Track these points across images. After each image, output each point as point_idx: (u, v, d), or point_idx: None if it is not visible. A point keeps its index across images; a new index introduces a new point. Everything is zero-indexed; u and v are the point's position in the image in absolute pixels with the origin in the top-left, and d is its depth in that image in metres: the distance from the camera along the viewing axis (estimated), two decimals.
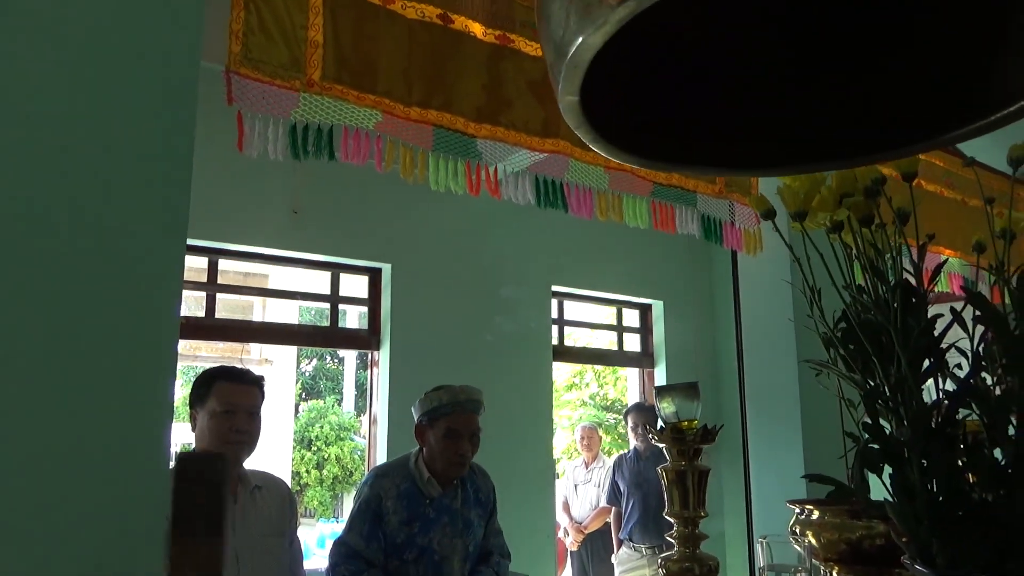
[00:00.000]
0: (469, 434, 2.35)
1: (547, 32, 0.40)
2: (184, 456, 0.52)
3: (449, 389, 2.38)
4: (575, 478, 6.08)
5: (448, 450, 2.31)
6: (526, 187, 2.34)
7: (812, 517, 1.30)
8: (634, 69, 0.47)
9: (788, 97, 0.54)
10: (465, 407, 2.36)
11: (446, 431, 2.32)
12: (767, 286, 2.97)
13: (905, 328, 0.77)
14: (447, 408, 2.34)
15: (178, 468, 0.55)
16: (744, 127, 0.56)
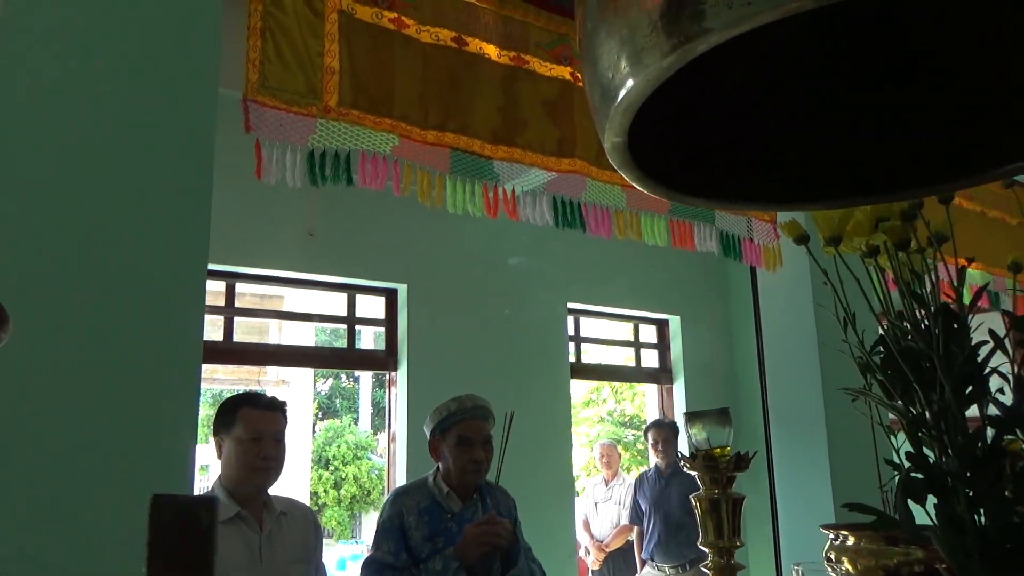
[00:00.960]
0: (481, 440, 2.37)
1: (594, 75, 0.39)
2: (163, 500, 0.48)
3: (456, 399, 2.42)
4: (595, 496, 6.02)
5: (462, 457, 2.33)
6: (543, 207, 2.34)
7: (847, 543, 1.27)
8: (676, 106, 0.46)
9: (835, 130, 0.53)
10: (474, 414, 2.39)
11: (458, 439, 2.35)
12: (789, 308, 2.94)
13: (948, 355, 0.75)
14: (456, 416, 2.37)
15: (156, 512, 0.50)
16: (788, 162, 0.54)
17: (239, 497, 2.17)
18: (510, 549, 2.29)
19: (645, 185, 0.46)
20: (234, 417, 2.20)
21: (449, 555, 2.22)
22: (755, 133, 0.52)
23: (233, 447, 2.18)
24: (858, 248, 0.83)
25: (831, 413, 2.74)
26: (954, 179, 0.51)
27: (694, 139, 0.50)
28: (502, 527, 2.25)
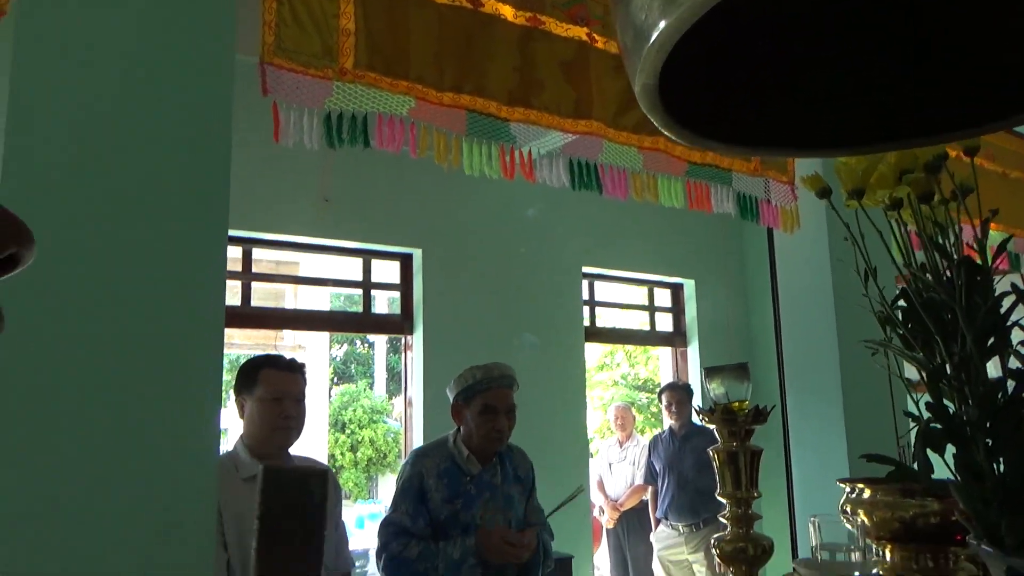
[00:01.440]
0: (505, 409, 2.39)
1: (627, 16, 0.39)
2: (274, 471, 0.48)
3: (483, 367, 2.43)
4: (609, 457, 6.09)
5: (485, 426, 2.36)
6: (560, 170, 2.33)
7: (863, 496, 1.29)
8: (706, 48, 0.46)
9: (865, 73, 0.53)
10: (500, 383, 2.40)
11: (482, 407, 2.36)
12: (805, 264, 2.93)
13: (970, 306, 0.76)
14: (482, 385, 2.39)
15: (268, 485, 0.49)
16: (814, 103, 0.54)
17: (261, 455, 2.21)
18: (529, 562, 2.33)
19: (672, 130, 0.47)
20: (256, 378, 2.24)
21: (469, 547, 2.25)
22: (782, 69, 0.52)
23: (255, 407, 2.22)
24: (881, 201, 0.83)
25: (846, 369, 2.75)
26: (978, 124, 0.51)
27: (723, 82, 0.50)
28: (527, 550, 2.29)
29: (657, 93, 0.43)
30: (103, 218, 1.60)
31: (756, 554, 1.00)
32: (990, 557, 0.77)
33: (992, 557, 0.77)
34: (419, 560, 2.22)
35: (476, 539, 2.24)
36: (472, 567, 2.21)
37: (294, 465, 0.48)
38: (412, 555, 2.23)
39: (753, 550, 1.00)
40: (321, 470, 0.50)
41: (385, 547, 2.28)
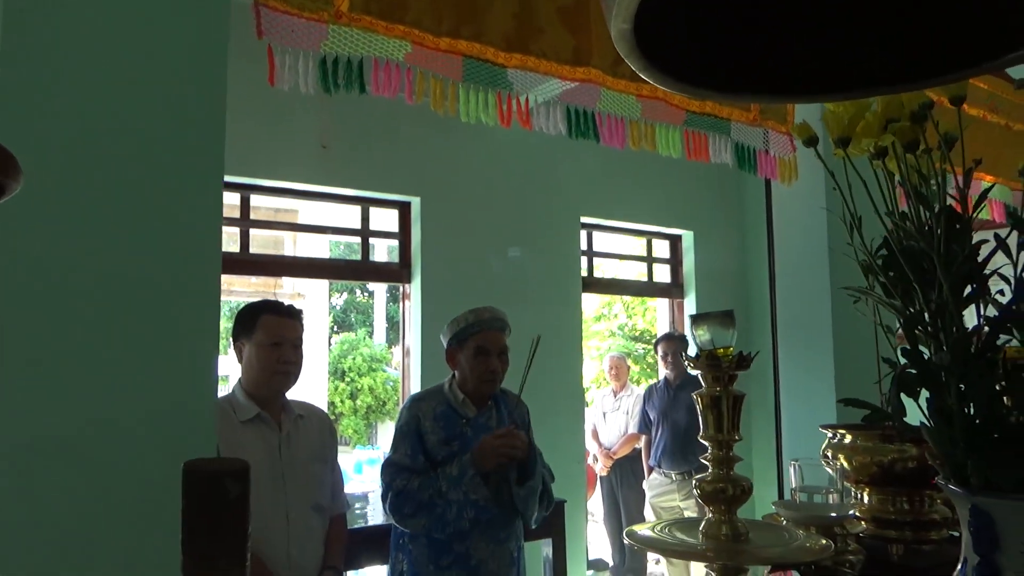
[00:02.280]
0: (498, 351, 2.43)
1: None
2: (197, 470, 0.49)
3: (474, 310, 2.47)
4: (604, 406, 6.18)
5: (479, 367, 2.40)
6: (557, 117, 2.31)
7: (845, 441, 1.33)
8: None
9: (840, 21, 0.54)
10: (491, 325, 2.44)
11: (476, 350, 2.41)
12: (801, 214, 2.94)
13: (948, 254, 0.77)
14: (474, 328, 2.43)
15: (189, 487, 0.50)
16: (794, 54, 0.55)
17: (259, 399, 2.26)
18: (525, 460, 2.37)
19: (651, 75, 0.48)
20: (255, 323, 2.27)
21: (466, 461, 2.30)
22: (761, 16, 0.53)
23: (254, 352, 2.25)
24: (866, 150, 0.84)
25: (838, 320, 2.78)
26: (959, 69, 0.52)
27: (702, 29, 0.51)
28: (519, 439, 2.32)
29: (633, 37, 0.43)
30: (96, 162, 1.60)
31: (735, 494, 1.03)
32: (956, 496, 0.81)
33: (958, 496, 0.80)
34: (421, 489, 2.28)
35: (471, 456, 2.30)
36: (472, 477, 2.27)
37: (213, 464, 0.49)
38: (415, 486, 2.29)
39: (732, 490, 1.03)
40: (239, 468, 0.52)
41: (389, 486, 2.33)
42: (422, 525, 2.29)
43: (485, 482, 2.29)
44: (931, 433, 0.83)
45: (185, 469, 0.51)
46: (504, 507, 2.34)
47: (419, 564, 2.34)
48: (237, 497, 0.51)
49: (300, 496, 2.23)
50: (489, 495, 2.29)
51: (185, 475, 0.51)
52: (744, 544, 1.01)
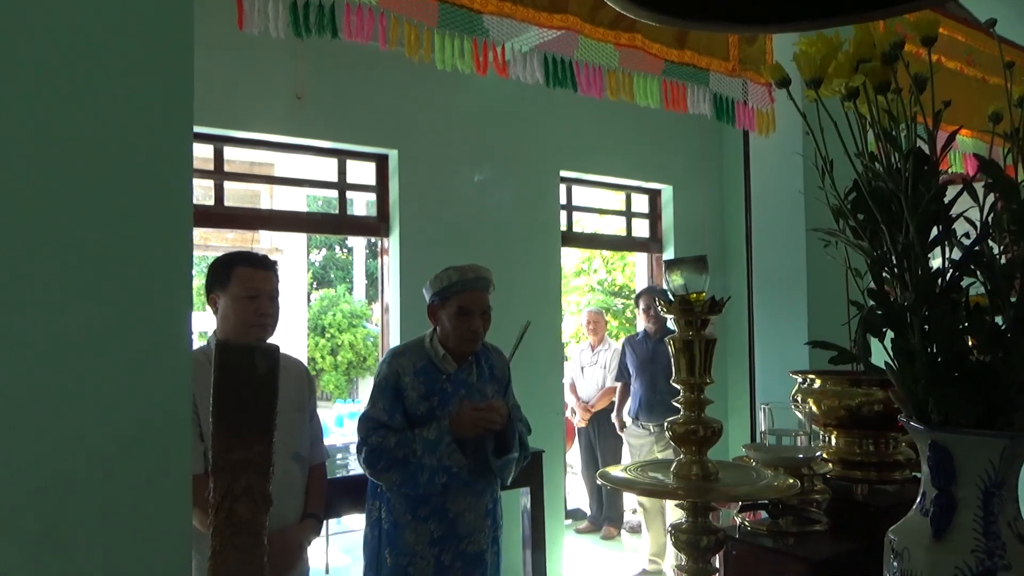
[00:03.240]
0: (480, 311, 2.41)
1: None
2: (227, 345, 0.51)
3: (459, 268, 2.43)
4: (581, 361, 6.25)
5: (461, 327, 2.38)
6: (535, 66, 2.28)
7: (814, 386, 1.35)
8: None
9: None
10: (475, 284, 2.41)
11: (458, 309, 2.38)
12: (778, 161, 2.94)
13: (915, 195, 0.78)
14: (457, 287, 2.40)
15: (222, 360, 0.52)
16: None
17: None
18: (504, 431, 2.38)
19: (625, 7, 0.47)
20: (229, 275, 2.24)
21: (444, 427, 2.30)
22: None
23: (230, 304, 2.23)
24: (838, 91, 0.84)
25: (812, 266, 2.81)
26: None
27: None
28: (497, 413, 2.32)
29: None
30: (54, 114, 1.55)
31: (706, 435, 1.05)
32: (917, 432, 0.83)
33: (919, 432, 0.82)
34: (397, 447, 2.29)
35: (449, 422, 2.30)
36: (449, 444, 2.28)
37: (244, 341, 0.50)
38: (390, 444, 2.30)
39: (703, 432, 1.05)
40: (269, 348, 0.53)
41: (365, 440, 2.34)
42: (394, 481, 2.31)
43: (461, 449, 2.31)
44: (894, 372, 0.85)
45: (219, 344, 0.53)
46: (479, 473, 2.36)
47: (397, 513, 2.37)
48: (266, 373, 0.53)
49: (279, 446, 2.21)
50: (464, 462, 2.30)
51: (219, 349, 0.52)
52: (714, 483, 1.03)
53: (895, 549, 0.82)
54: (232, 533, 0.52)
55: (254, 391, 0.53)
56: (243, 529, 0.52)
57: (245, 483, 0.52)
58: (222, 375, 0.52)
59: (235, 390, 0.52)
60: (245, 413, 0.52)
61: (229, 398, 0.52)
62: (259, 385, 0.53)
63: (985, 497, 0.77)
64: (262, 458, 0.53)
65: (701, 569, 1.03)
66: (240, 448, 0.52)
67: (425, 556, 2.34)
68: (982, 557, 0.75)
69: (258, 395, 0.53)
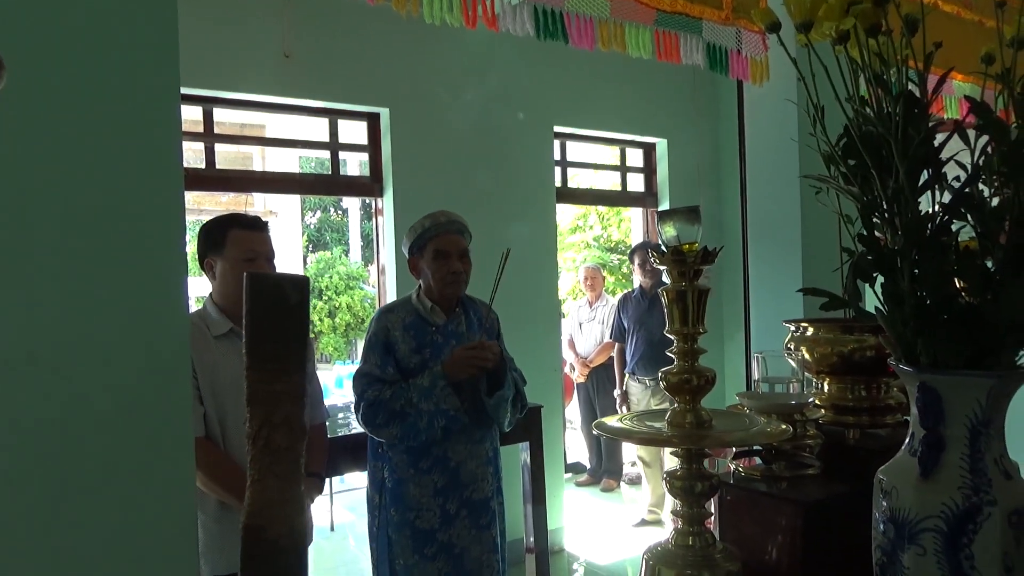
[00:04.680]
0: (458, 253, 2.43)
1: None
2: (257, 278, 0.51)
3: (430, 215, 2.47)
4: (579, 317, 6.28)
5: (440, 270, 2.41)
6: (525, 18, 2.24)
7: (807, 333, 1.36)
8: None
9: None
10: (448, 227, 2.44)
11: (435, 253, 2.41)
12: (772, 109, 2.92)
13: (905, 138, 0.78)
14: (431, 231, 2.43)
15: (253, 292, 0.52)
16: None
17: (232, 314, 2.25)
18: (496, 370, 2.40)
19: None
20: (224, 238, 2.24)
21: (437, 372, 2.33)
22: None
23: (227, 268, 2.23)
24: (829, 34, 0.83)
25: (807, 215, 2.81)
26: None
27: None
28: (489, 351, 2.35)
29: None
30: (38, 76, 1.53)
31: (700, 384, 1.06)
32: (906, 374, 0.84)
33: (908, 374, 0.83)
34: (393, 399, 2.32)
35: (442, 366, 2.33)
36: (443, 388, 2.31)
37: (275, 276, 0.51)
38: (386, 396, 2.33)
39: (697, 380, 1.06)
40: (298, 279, 0.54)
41: (362, 396, 2.37)
42: (394, 435, 2.34)
43: (456, 392, 2.33)
44: (884, 317, 0.85)
45: (249, 277, 0.54)
46: (475, 416, 2.39)
47: (400, 470, 2.41)
48: (297, 304, 0.54)
49: None
50: (460, 405, 2.33)
51: (249, 282, 0.53)
52: (707, 430, 1.05)
53: (884, 489, 0.84)
54: (271, 461, 0.53)
55: (288, 322, 0.54)
56: (282, 457, 0.53)
57: (283, 413, 0.53)
58: (255, 307, 0.52)
59: (269, 322, 0.53)
60: (281, 344, 0.53)
61: (264, 330, 0.53)
62: (292, 315, 0.54)
63: (972, 436, 0.78)
64: (298, 388, 0.54)
65: (696, 514, 1.05)
66: (280, 379, 0.53)
67: (430, 507, 2.38)
68: (968, 493, 0.76)
69: (292, 325, 0.54)
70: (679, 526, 1.05)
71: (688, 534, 1.03)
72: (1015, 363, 0.80)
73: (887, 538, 0.83)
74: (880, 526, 0.84)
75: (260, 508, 0.52)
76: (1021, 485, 0.80)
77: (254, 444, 0.52)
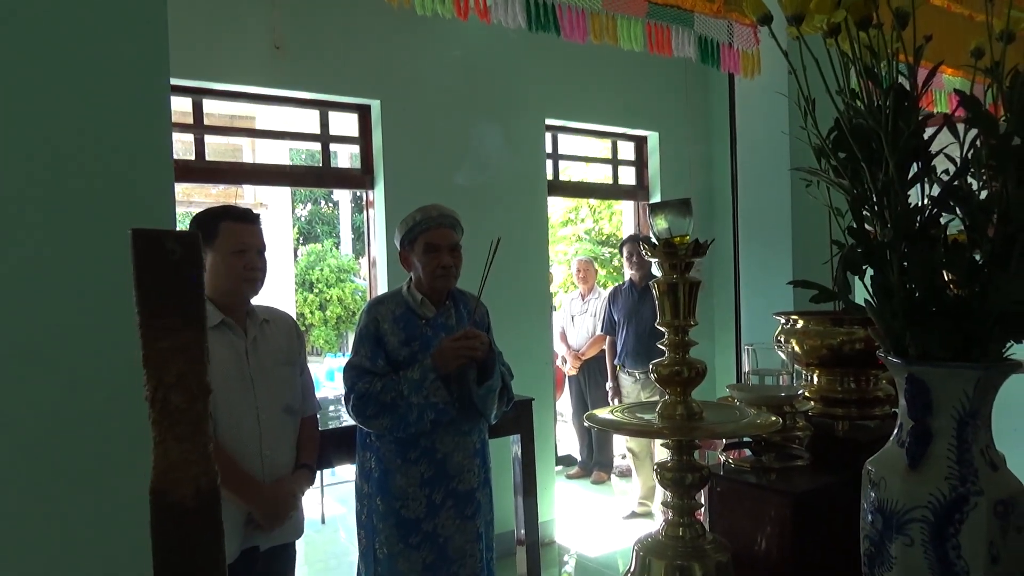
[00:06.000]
0: (448, 247, 2.44)
1: None
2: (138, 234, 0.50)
3: (422, 208, 2.47)
4: (572, 309, 6.29)
5: (431, 263, 2.41)
6: (516, 10, 2.24)
7: (797, 326, 1.37)
8: None
9: None
10: (439, 221, 2.44)
11: (425, 246, 2.42)
12: (763, 102, 2.93)
13: (895, 131, 0.78)
14: (422, 225, 2.43)
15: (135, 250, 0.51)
16: None
17: (223, 306, 2.25)
18: (485, 360, 2.40)
19: None
20: (215, 231, 2.23)
21: (427, 365, 2.33)
22: None
23: (219, 260, 2.23)
24: (820, 27, 0.83)
25: (797, 209, 2.83)
26: None
27: None
28: (478, 340, 2.35)
29: None
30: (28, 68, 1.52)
31: (690, 376, 1.06)
32: (894, 366, 0.84)
33: (897, 366, 0.84)
34: (384, 391, 2.32)
35: (431, 359, 2.34)
36: (433, 381, 2.32)
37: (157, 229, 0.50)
38: (377, 388, 2.33)
39: (688, 372, 1.06)
40: (184, 233, 0.53)
41: (352, 388, 2.37)
42: (384, 426, 2.34)
43: (446, 385, 2.34)
44: (873, 309, 0.86)
45: (132, 235, 0.52)
46: (464, 408, 2.39)
47: (388, 460, 2.41)
48: (181, 259, 0.52)
49: (270, 399, 2.26)
50: (449, 398, 2.33)
51: (132, 239, 0.51)
52: (698, 422, 1.05)
53: (872, 479, 0.85)
54: (171, 423, 0.52)
55: (172, 276, 0.52)
56: (181, 418, 0.52)
57: (176, 371, 0.52)
58: (138, 264, 0.51)
59: (151, 277, 0.52)
60: (166, 300, 0.52)
61: (147, 286, 0.52)
62: (176, 270, 0.52)
63: (959, 427, 0.79)
64: (193, 345, 0.53)
65: (686, 505, 1.05)
66: (167, 336, 0.52)
67: (416, 497, 2.39)
68: (955, 484, 0.77)
69: (177, 280, 0.53)
70: (669, 517, 1.05)
71: (678, 525, 1.04)
72: (1002, 355, 0.81)
73: (875, 528, 0.83)
74: (868, 516, 0.85)
75: (163, 472, 0.52)
76: (1007, 476, 0.80)
77: (152, 407, 0.52)
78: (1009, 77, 0.82)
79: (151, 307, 0.51)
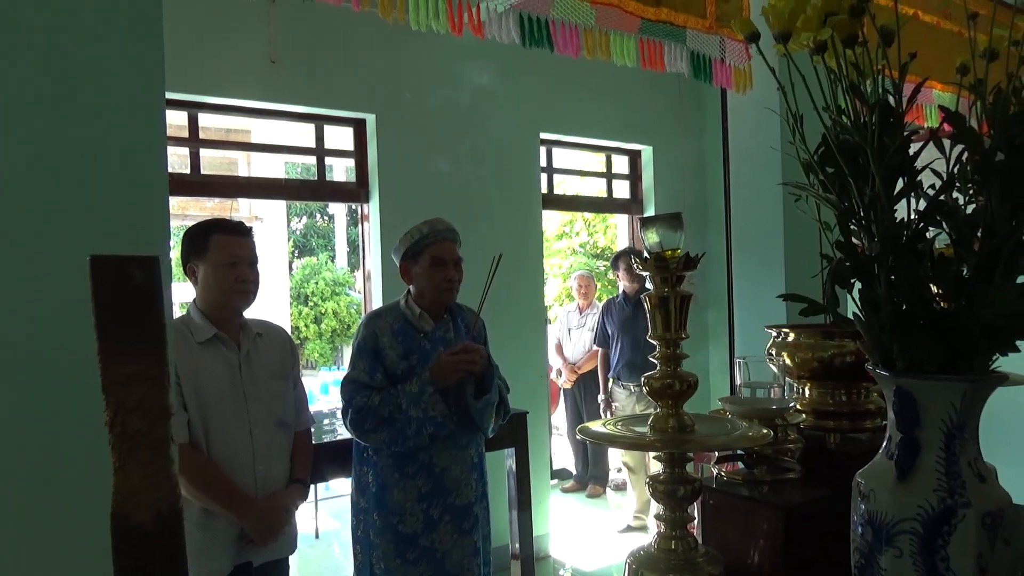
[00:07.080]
0: (453, 261, 2.45)
1: None
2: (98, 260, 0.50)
3: (427, 222, 2.48)
4: (568, 323, 6.29)
5: (436, 277, 2.42)
6: (510, 26, 2.26)
7: (788, 339, 1.38)
8: None
9: None
10: (445, 235, 2.46)
11: (432, 260, 2.42)
12: (755, 117, 2.95)
13: (881, 146, 0.79)
14: (429, 238, 2.44)
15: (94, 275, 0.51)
16: None
17: (216, 320, 2.25)
18: (483, 374, 2.40)
19: None
20: (206, 244, 2.23)
21: (425, 379, 2.33)
22: None
23: (211, 273, 2.23)
24: (806, 44, 0.84)
25: (789, 223, 2.85)
26: None
27: None
28: (477, 354, 2.35)
29: None
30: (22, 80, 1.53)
31: (682, 389, 1.07)
32: (883, 379, 0.85)
33: (884, 379, 0.85)
34: (382, 405, 2.32)
35: (429, 373, 2.33)
36: (431, 395, 2.31)
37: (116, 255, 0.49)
38: (375, 403, 2.32)
39: (679, 385, 1.07)
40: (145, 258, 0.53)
41: (350, 402, 2.37)
42: (382, 440, 2.33)
43: (443, 399, 2.33)
44: (862, 322, 0.87)
45: (91, 261, 0.52)
46: (462, 422, 2.39)
47: (385, 475, 2.40)
48: (143, 283, 0.52)
49: (263, 413, 2.26)
50: (447, 412, 2.33)
51: (91, 265, 0.51)
52: (690, 435, 1.06)
53: (862, 492, 0.85)
54: (131, 447, 0.52)
55: (133, 301, 0.52)
56: (142, 443, 0.52)
57: (137, 396, 0.52)
58: (97, 289, 0.51)
59: (112, 302, 0.51)
60: (128, 325, 0.52)
61: (108, 312, 0.51)
62: (138, 295, 0.52)
63: (947, 439, 0.80)
64: (155, 370, 0.53)
65: (679, 517, 1.06)
66: (128, 362, 0.52)
67: (414, 512, 2.38)
68: (943, 495, 0.78)
69: (138, 305, 0.53)
70: (662, 530, 1.06)
71: (671, 538, 1.04)
72: (988, 367, 0.82)
73: (865, 540, 0.84)
74: (858, 529, 0.85)
75: (123, 497, 0.52)
76: (995, 487, 0.81)
77: (111, 431, 0.52)
78: (992, 93, 0.83)
79: (111, 333, 0.51)
